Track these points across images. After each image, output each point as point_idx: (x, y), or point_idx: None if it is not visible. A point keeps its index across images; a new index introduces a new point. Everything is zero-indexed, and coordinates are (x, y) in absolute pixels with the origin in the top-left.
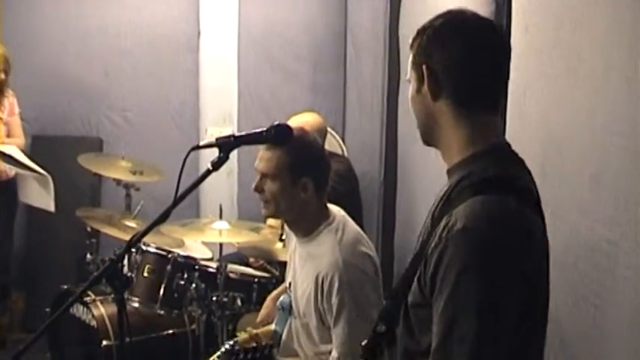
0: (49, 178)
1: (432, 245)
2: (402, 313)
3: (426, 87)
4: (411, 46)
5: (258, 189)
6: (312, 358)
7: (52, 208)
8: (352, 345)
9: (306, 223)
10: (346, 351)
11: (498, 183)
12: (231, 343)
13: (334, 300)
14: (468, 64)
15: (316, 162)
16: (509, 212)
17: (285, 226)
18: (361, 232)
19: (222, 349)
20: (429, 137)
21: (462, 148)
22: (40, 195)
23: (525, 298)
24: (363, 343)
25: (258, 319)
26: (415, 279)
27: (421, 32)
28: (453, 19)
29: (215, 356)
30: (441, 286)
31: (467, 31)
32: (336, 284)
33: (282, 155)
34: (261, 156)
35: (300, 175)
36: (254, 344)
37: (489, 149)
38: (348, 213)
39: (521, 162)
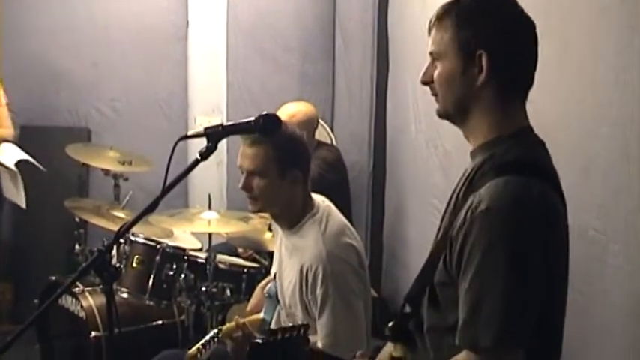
0: (17, 173)
1: (457, 226)
2: (427, 293)
3: (476, 71)
4: (458, 24)
5: (247, 187)
6: None
7: (23, 204)
8: (337, 336)
9: (292, 215)
10: (331, 342)
11: (520, 165)
12: (215, 331)
13: (318, 291)
14: (523, 56)
15: (301, 153)
16: (531, 192)
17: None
18: (346, 221)
19: (207, 337)
20: (458, 116)
21: (489, 130)
22: (12, 190)
23: (548, 270)
24: (389, 324)
25: (248, 308)
26: (441, 259)
27: (472, 14)
28: (513, 11)
29: (199, 344)
30: (467, 265)
31: (526, 26)
32: (320, 276)
33: (267, 150)
34: (245, 153)
35: (288, 168)
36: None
37: (513, 133)
38: (337, 203)
39: (542, 145)
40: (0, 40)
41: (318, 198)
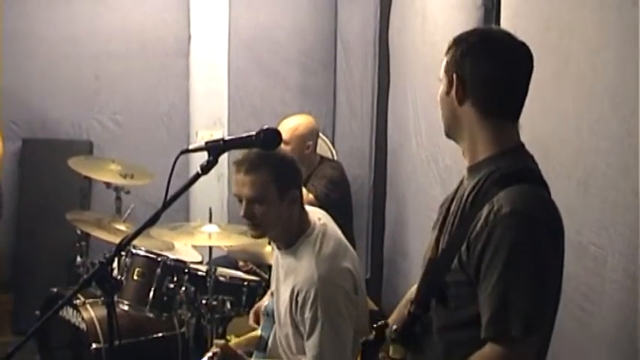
0: None
1: (477, 229)
2: (437, 294)
3: (453, 93)
4: (446, 52)
5: (249, 215)
6: None
7: None
8: (323, 359)
9: (289, 235)
10: None
11: (526, 174)
12: (210, 355)
13: (307, 314)
14: (494, 81)
15: (295, 171)
16: (543, 197)
17: None
18: (342, 240)
19: None
20: (452, 132)
21: (488, 146)
22: None
23: (558, 266)
24: (394, 328)
25: (250, 322)
26: (456, 260)
27: (457, 43)
28: (488, 39)
29: None
30: (491, 263)
31: (498, 51)
32: (311, 299)
33: (264, 175)
34: (242, 181)
35: (286, 189)
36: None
37: (513, 148)
38: (340, 217)
39: (533, 158)
40: (1, 52)
41: (314, 215)
